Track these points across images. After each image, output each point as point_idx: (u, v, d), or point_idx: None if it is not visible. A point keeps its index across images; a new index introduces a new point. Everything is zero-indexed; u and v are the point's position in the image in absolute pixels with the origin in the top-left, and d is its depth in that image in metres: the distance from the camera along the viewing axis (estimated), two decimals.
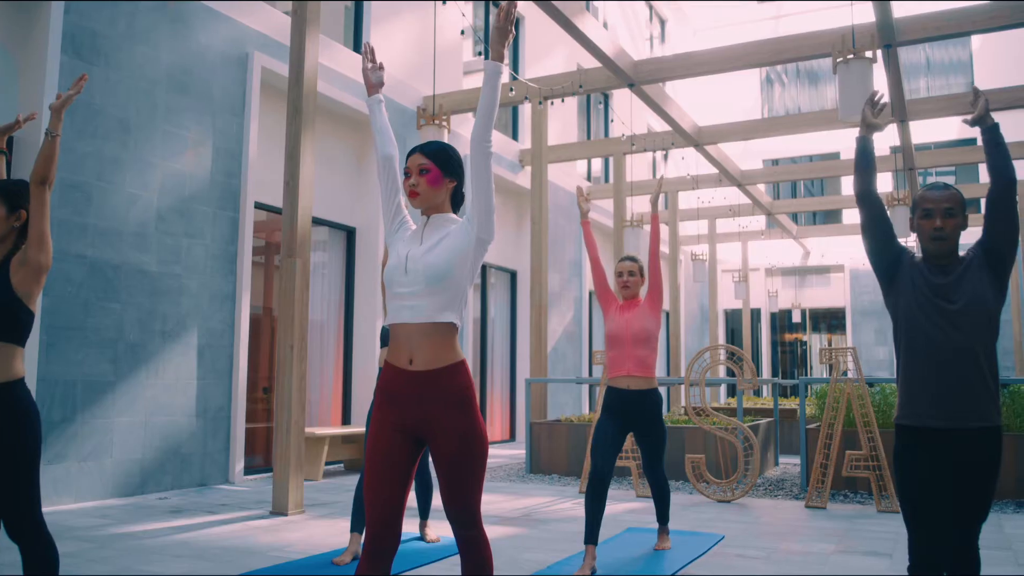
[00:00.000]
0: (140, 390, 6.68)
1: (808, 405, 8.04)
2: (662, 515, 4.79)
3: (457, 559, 4.36)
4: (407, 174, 2.64)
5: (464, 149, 11.13)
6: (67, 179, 6.18)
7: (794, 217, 20.95)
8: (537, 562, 4.39)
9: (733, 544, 4.99)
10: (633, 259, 4.67)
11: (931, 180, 19.87)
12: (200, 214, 7.27)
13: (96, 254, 6.39)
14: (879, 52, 7.29)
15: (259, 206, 8.04)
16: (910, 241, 11.64)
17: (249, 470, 7.87)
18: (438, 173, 2.61)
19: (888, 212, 10.94)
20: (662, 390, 17.78)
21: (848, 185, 19.96)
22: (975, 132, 18.63)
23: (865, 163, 2.87)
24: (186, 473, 7.08)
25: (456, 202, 2.72)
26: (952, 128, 18.84)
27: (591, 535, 4.21)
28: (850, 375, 6.77)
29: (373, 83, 2.85)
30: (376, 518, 2.50)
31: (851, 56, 4.83)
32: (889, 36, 7.39)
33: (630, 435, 6.87)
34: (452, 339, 2.56)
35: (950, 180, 19.60)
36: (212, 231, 7.38)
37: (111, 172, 6.52)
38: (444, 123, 6.39)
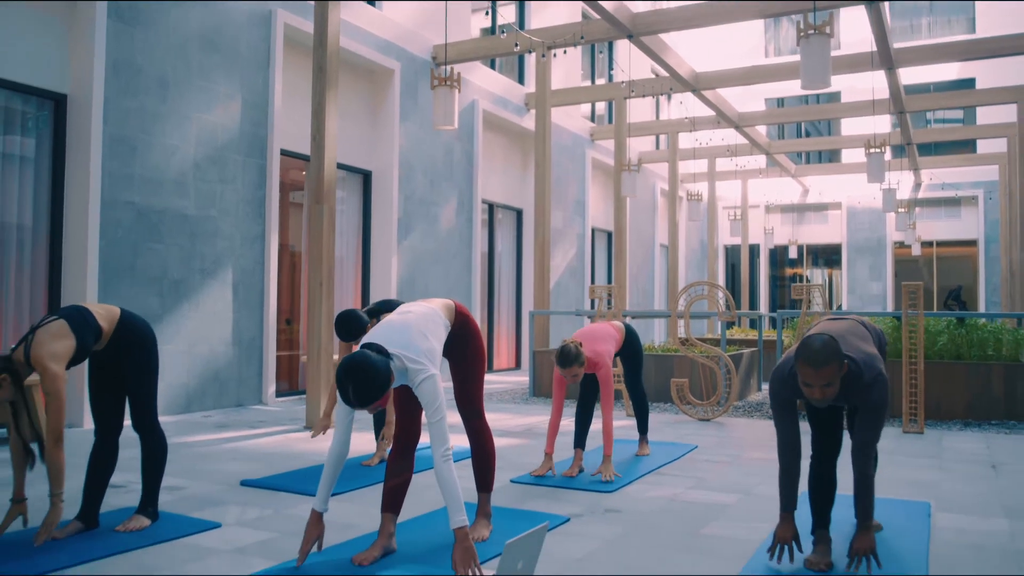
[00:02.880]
0: (183, 322, 7.49)
1: (785, 336, 8.80)
2: (642, 426, 5.63)
3: (467, 463, 5.18)
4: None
5: (472, 96, 11.72)
6: (115, 134, 6.87)
7: (796, 157, 21.43)
8: (535, 464, 5.22)
9: (704, 452, 5.82)
10: (574, 362, 4.60)
11: (927, 118, 20.22)
12: (232, 162, 7.96)
13: (142, 201, 7.12)
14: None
15: (284, 153, 8.72)
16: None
17: (279, 393, 8.74)
18: (383, 400, 2.95)
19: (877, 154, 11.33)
20: (658, 323, 18.56)
21: (848, 125, 20.39)
22: (973, 73, 18.97)
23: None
24: (224, 395, 7.93)
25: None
26: (952, 69, 19.15)
27: (578, 441, 5.05)
28: (816, 308, 7.51)
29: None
30: (401, 422, 3.34)
31: (812, 32, 5.43)
32: None
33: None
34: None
35: (957, 115, 19.92)
36: (243, 177, 8.09)
37: (152, 126, 7.20)
38: (455, 84, 6.99)
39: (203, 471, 4.97)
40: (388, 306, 5.12)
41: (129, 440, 4.31)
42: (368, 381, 2.85)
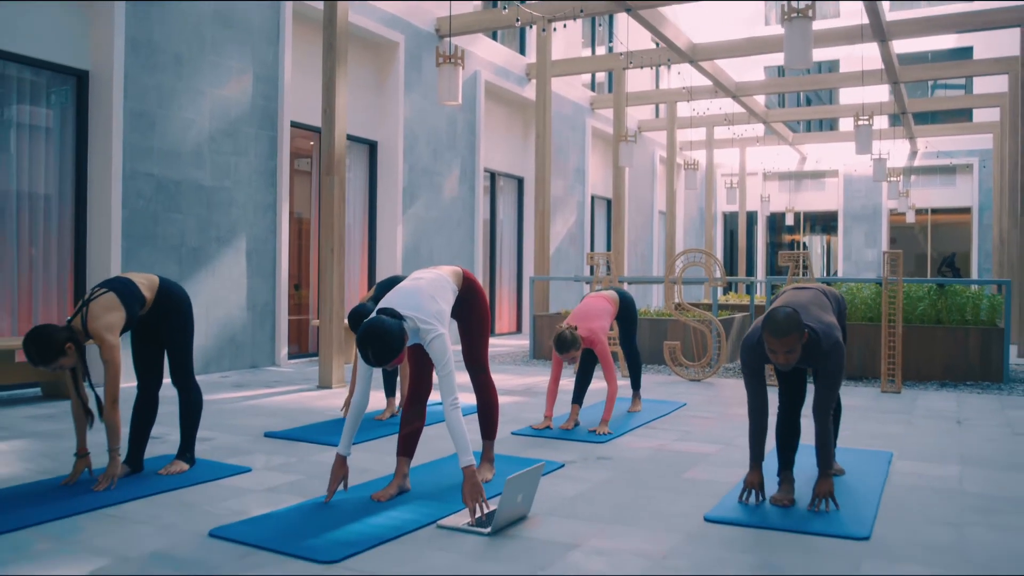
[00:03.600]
0: (201, 287, 7.89)
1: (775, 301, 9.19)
2: (635, 382, 6.06)
3: (473, 417, 5.60)
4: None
5: (474, 67, 11.99)
6: (135, 108, 7.21)
7: (795, 125, 21.65)
8: (535, 419, 5.66)
9: (693, 409, 6.25)
10: (570, 347, 5.03)
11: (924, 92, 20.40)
12: (244, 135, 8.30)
13: (161, 172, 7.48)
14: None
15: (294, 125, 9.05)
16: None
17: (290, 356, 9.17)
18: (400, 358, 3.31)
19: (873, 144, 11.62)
20: (656, 288, 18.95)
21: (846, 94, 20.58)
22: (970, 42, 19.13)
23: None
24: (240, 357, 8.36)
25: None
26: (949, 37, 19.29)
27: (576, 398, 5.48)
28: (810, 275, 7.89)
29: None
30: (414, 376, 3.74)
31: (795, 15, 5.75)
32: None
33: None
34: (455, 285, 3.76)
35: (960, 81, 20.07)
36: (255, 149, 8.43)
37: (169, 100, 7.53)
38: (459, 62, 7.30)
39: (228, 425, 5.40)
40: (392, 283, 5.48)
41: (162, 397, 4.72)
42: (385, 344, 3.24)
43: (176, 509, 3.47)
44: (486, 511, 3.28)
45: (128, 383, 6.60)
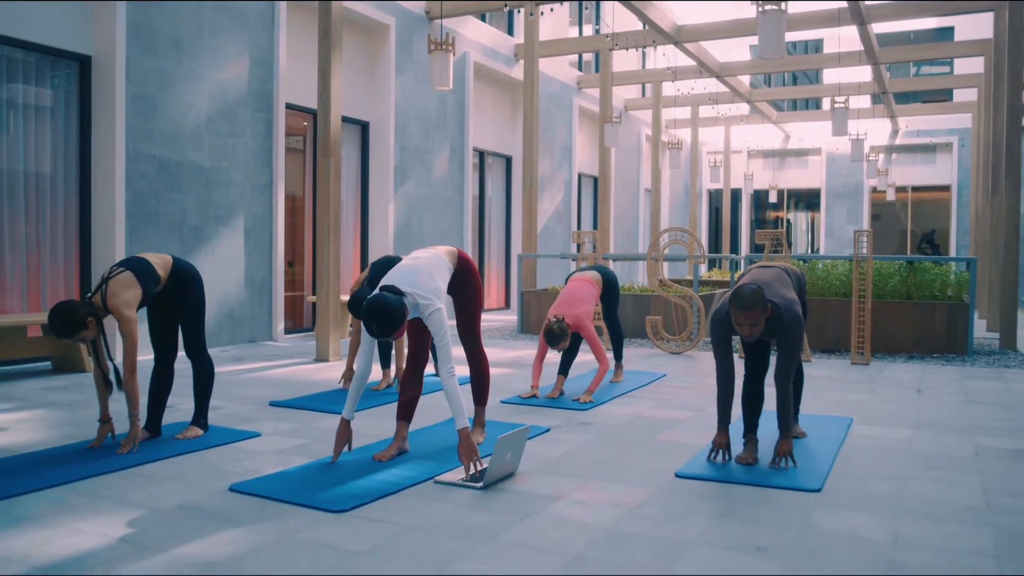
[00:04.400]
0: (201, 265, 8.18)
1: None
2: (617, 354, 6.43)
3: (468, 386, 5.95)
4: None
5: (463, 48, 12.22)
6: (137, 92, 7.46)
7: (779, 104, 21.94)
8: (522, 389, 6.02)
9: (672, 380, 6.63)
10: (560, 339, 5.39)
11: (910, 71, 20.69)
12: (241, 116, 8.56)
13: (163, 154, 7.74)
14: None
15: (289, 107, 9.31)
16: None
17: (287, 331, 9.49)
18: (401, 331, 3.63)
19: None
20: (641, 264, 19.31)
21: (829, 75, 20.87)
22: (951, 22, 19.43)
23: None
24: (238, 332, 8.68)
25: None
26: (930, 19, 19.58)
27: (562, 369, 5.85)
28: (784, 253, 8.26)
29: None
30: (413, 347, 4.08)
31: (768, 7, 6.06)
32: None
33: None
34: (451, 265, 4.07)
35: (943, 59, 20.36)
36: (252, 130, 8.69)
37: (170, 84, 7.78)
38: (450, 48, 7.58)
39: (234, 395, 5.74)
40: (388, 263, 5.78)
41: (176, 369, 5.04)
42: (388, 319, 3.58)
43: (196, 468, 3.82)
44: (479, 468, 3.64)
45: (144, 356, 6.90)
